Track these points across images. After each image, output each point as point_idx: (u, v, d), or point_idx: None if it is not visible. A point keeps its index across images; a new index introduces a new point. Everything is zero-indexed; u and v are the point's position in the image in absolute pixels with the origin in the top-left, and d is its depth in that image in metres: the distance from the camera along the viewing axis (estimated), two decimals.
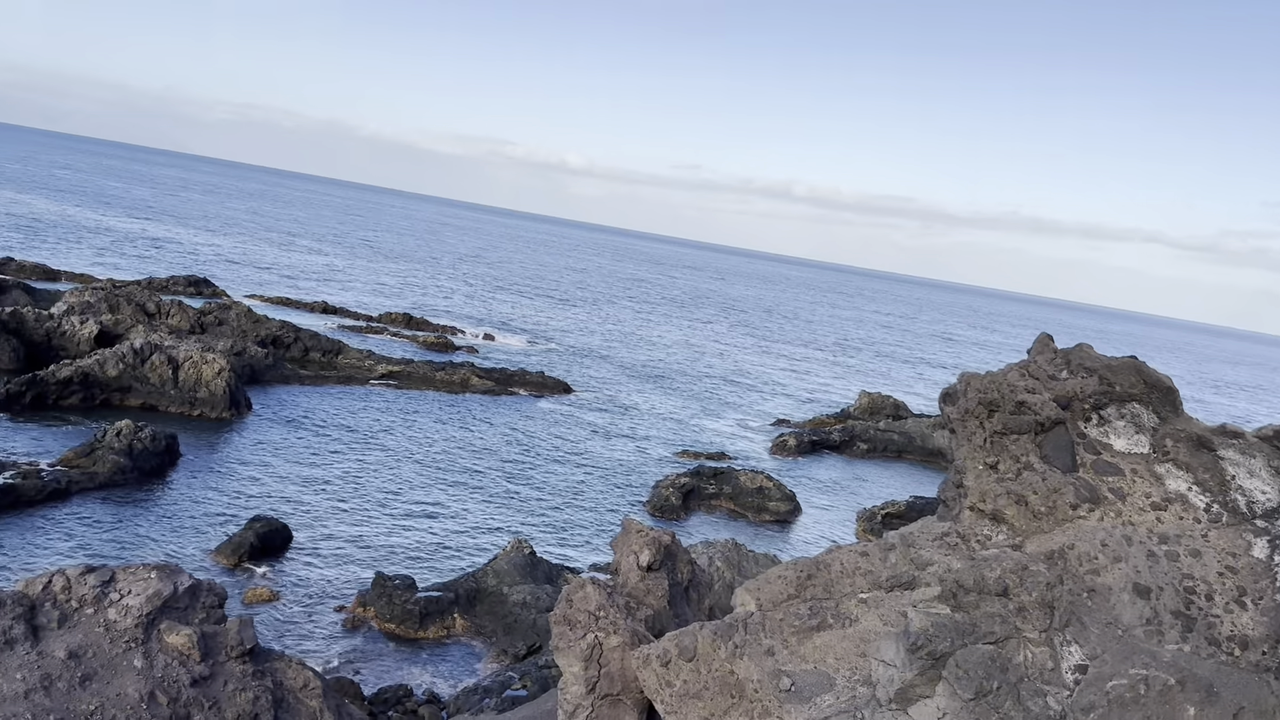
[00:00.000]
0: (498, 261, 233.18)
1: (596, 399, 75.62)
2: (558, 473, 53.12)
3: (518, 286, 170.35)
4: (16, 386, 48.37)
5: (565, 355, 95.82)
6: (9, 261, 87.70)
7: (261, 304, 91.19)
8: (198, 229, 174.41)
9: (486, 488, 48.15)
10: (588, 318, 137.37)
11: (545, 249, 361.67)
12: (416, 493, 45.36)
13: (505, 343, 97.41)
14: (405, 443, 53.44)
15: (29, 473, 37.55)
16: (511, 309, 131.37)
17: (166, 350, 54.42)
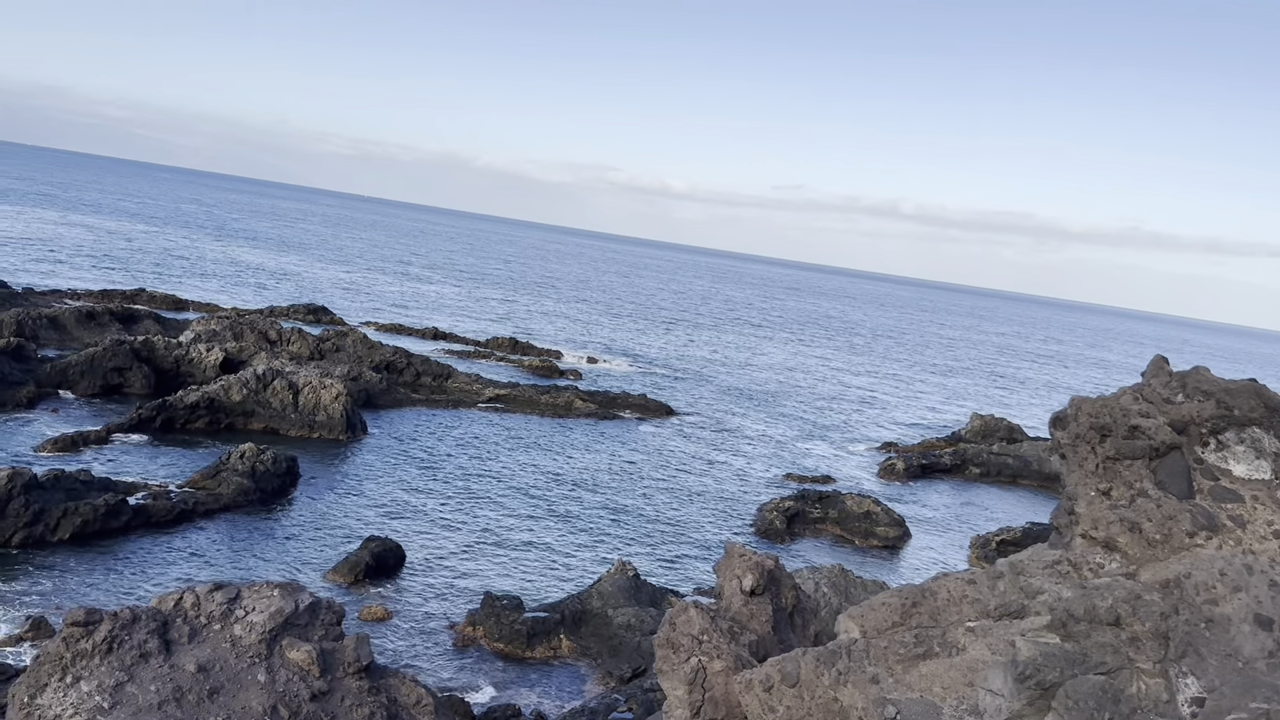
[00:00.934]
0: (601, 286, 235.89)
1: (700, 421, 75.61)
2: (660, 495, 53.29)
3: (621, 310, 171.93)
4: (148, 411, 51.22)
5: (668, 378, 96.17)
6: (140, 293, 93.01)
7: (376, 330, 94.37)
8: (317, 259, 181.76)
9: (590, 510, 48.64)
10: (690, 340, 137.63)
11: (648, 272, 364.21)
12: (523, 514, 46.14)
13: (608, 366, 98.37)
14: (512, 465, 54.44)
15: (159, 494, 39.68)
16: (615, 332, 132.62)
17: (287, 376, 56.82)
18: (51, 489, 35.31)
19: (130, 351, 58.70)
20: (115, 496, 36.59)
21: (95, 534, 34.98)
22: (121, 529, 35.96)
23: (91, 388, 56.07)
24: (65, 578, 31.84)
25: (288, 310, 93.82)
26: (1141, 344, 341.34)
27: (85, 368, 56.73)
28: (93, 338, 65.73)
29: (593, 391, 75.91)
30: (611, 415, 70.79)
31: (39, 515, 34.00)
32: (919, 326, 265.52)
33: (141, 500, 38.34)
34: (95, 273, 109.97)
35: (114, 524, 35.75)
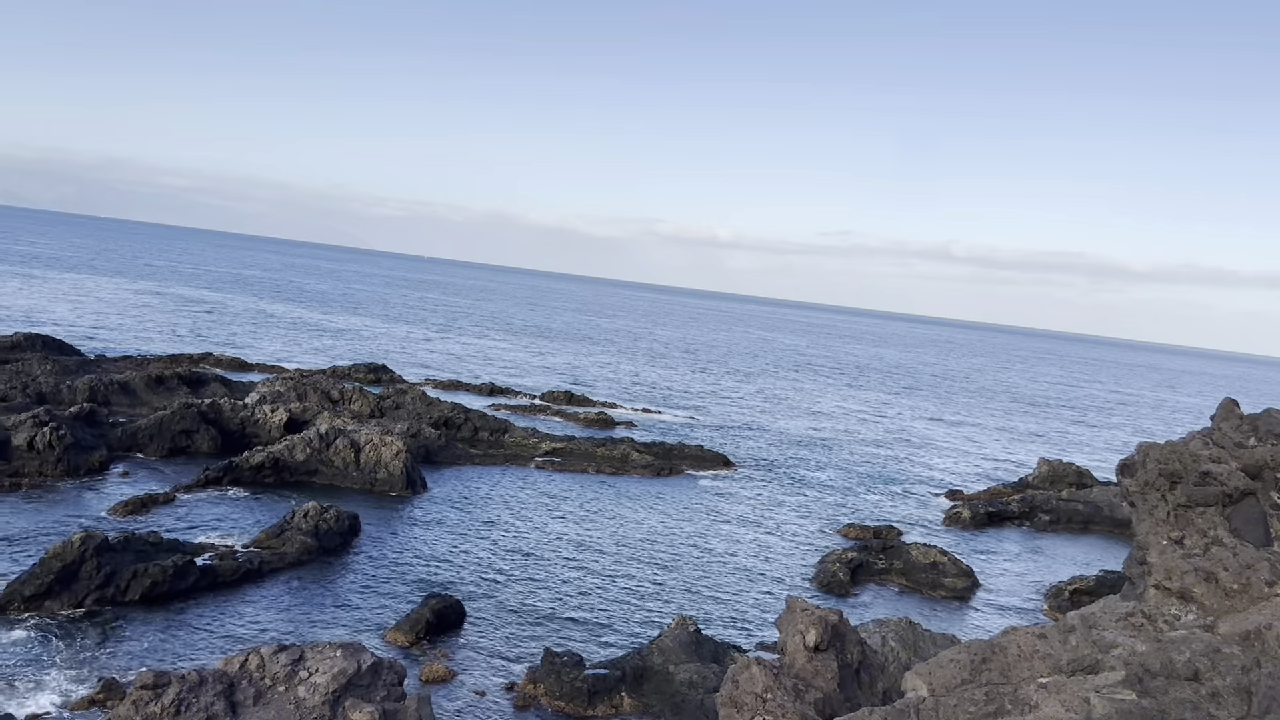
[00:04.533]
0: (654, 337, 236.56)
1: (757, 471, 74.97)
2: (719, 547, 52.76)
3: (674, 360, 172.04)
4: (215, 472, 52.37)
5: (724, 428, 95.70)
6: (207, 356, 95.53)
7: (434, 388, 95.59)
8: (376, 319, 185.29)
9: (649, 563, 48.31)
10: (745, 389, 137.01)
11: (699, 322, 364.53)
12: (582, 569, 45.99)
13: (664, 417, 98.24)
14: (570, 519, 54.43)
15: (225, 554, 40.35)
16: (669, 383, 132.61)
17: (349, 434, 57.73)
18: (122, 551, 36.11)
19: (198, 414, 60.17)
20: (183, 557, 37.28)
21: (164, 595, 35.63)
22: (190, 589, 36.59)
23: (161, 450, 57.51)
24: (135, 639, 32.41)
25: (349, 370, 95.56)
26: (1208, 384, 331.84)
27: (154, 431, 58.26)
28: (162, 401, 67.58)
29: (649, 443, 75.80)
30: (668, 467, 70.53)
31: (110, 577, 34.76)
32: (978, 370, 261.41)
33: (209, 561, 39.01)
34: (163, 337, 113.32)
35: (182, 584, 36.39)
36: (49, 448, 50.57)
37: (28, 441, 50.44)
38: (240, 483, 52.55)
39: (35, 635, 31.54)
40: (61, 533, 40.50)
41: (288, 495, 51.82)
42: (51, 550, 34.67)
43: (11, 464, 49.11)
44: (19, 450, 50.09)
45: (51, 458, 50.24)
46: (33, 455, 50.09)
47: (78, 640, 31.62)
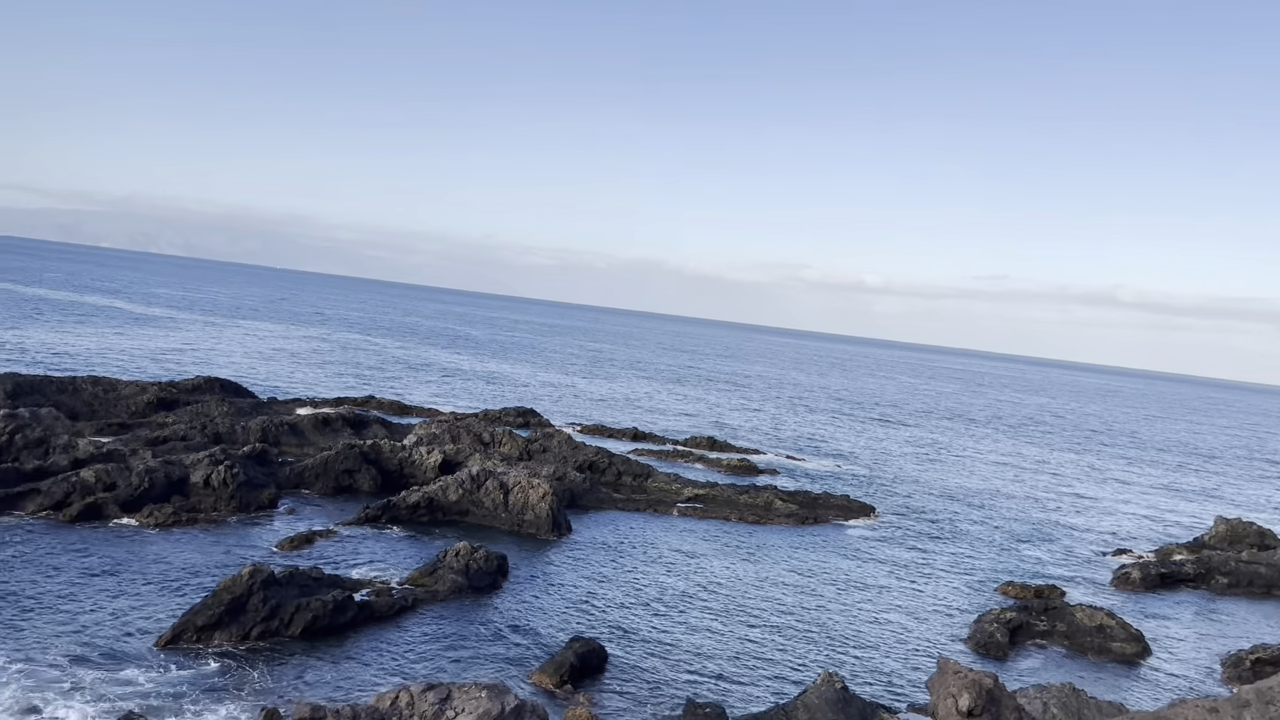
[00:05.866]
0: (798, 383, 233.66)
1: (907, 523, 72.52)
2: (867, 602, 51.11)
3: (819, 406, 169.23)
4: (374, 510, 54.56)
5: (871, 477, 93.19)
6: (369, 399, 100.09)
7: (580, 432, 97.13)
8: (526, 364, 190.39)
9: (793, 615, 47.22)
10: (893, 437, 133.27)
11: (845, 368, 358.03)
12: (725, 619, 45.37)
13: (808, 465, 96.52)
14: (712, 567, 53.90)
15: (382, 590, 41.83)
16: (814, 430, 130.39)
17: (498, 476, 59.18)
18: (287, 585, 37.92)
19: (360, 455, 62.97)
20: (343, 593, 38.83)
21: (324, 628, 37.14)
22: (348, 623, 38.04)
23: (325, 488, 60.40)
24: (296, 671, 33.85)
25: (499, 413, 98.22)
26: None
27: (320, 470, 61.27)
28: (327, 442, 71.11)
29: (793, 491, 74.53)
30: (813, 516, 69.08)
31: (275, 610, 36.51)
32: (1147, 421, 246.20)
33: (366, 596, 40.53)
34: (330, 381, 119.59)
35: (341, 619, 37.86)
36: (223, 485, 53.87)
37: (204, 479, 53.90)
38: (397, 521, 54.53)
39: (205, 665, 33.36)
40: (232, 566, 42.93)
41: (440, 534, 53.40)
42: (222, 583, 36.73)
43: (189, 499, 52.53)
44: (196, 487, 53.57)
45: (225, 494, 53.49)
46: (208, 492, 53.46)
47: (243, 671, 33.27)
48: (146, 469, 52.64)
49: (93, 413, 73.36)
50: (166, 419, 72.19)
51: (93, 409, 74.02)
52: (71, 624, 35.16)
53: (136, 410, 75.65)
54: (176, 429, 67.18)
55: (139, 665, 32.33)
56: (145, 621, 36.21)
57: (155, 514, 49.68)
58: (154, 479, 52.13)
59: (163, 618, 36.59)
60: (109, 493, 50.25)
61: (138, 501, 50.45)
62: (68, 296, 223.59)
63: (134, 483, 51.32)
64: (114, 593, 38.83)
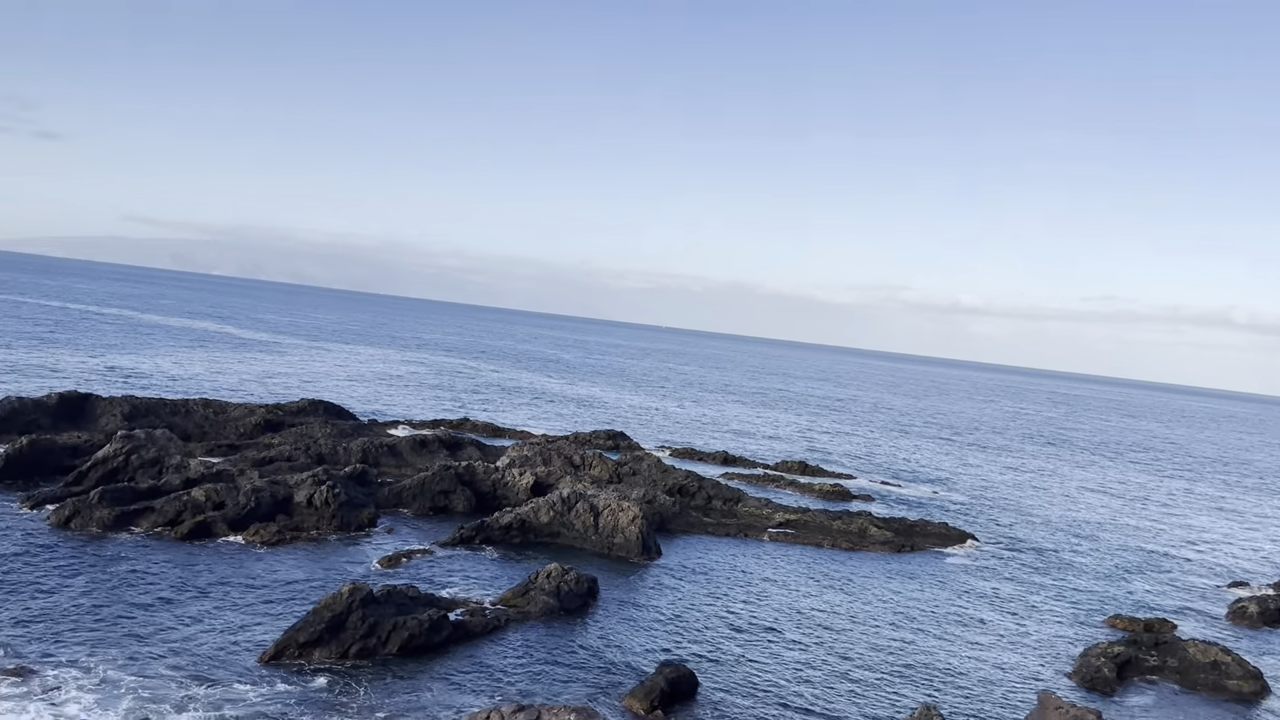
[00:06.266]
0: (893, 406, 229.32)
1: (1007, 552, 70.31)
2: (965, 633, 49.67)
3: (915, 431, 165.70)
4: (468, 531, 55.49)
5: (970, 504, 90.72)
6: (465, 421, 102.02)
7: (670, 455, 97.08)
8: (616, 387, 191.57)
9: (889, 645, 46.17)
10: (993, 463, 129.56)
11: (942, 392, 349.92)
12: (816, 647, 44.62)
13: (904, 491, 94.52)
14: (803, 594, 53.15)
15: (475, 610, 42.47)
16: (909, 455, 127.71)
17: (589, 499, 59.59)
18: (384, 603, 38.82)
19: (455, 476, 64.21)
20: (438, 612, 39.55)
21: (420, 647, 37.86)
22: (442, 642, 38.71)
23: (422, 509, 61.72)
24: (392, 690, 34.56)
25: (590, 436, 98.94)
26: None
27: (417, 490, 62.67)
28: (424, 463, 72.72)
29: (888, 518, 73.04)
30: (909, 544, 67.55)
31: (373, 628, 37.39)
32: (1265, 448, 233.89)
33: (460, 616, 41.20)
34: (427, 403, 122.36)
35: (436, 638, 38.55)
36: (325, 504, 55.54)
37: (308, 498, 55.67)
38: (490, 541, 55.35)
39: (307, 682, 34.35)
40: (332, 584, 44.16)
41: (532, 555, 53.97)
42: (323, 601, 37.81)
43: (293, 518, 54.29)
44: (299, 506, 55.35)
45: (327, 514, 55.13)
46: (311, 511, 55.18)
47: (343, 689, 34.13)
48: (253, 489, 54.64)
49: (204, 434, 76.55)
50: (273, 440, 74.84)
51: (204, 430, 77.24)
52: (182, 638, 36.64)
53: (244, 432, 78.65)
54: (282, 450, 69.60)
55: (245, 680, 33.47)
56: (250, 637, 37.50)
57: (261, 532, 51.50)
58: (260, 498, 54.07)
59: (267, 634, 37.84)
60: (218, 511, 52.31)
61: (245, 520, 52.39)
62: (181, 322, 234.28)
63: (241, 502, 53.32)
64: (221, 608, 40.35)
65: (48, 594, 39.35)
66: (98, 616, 37.65)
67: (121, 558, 45.26)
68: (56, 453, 60.18)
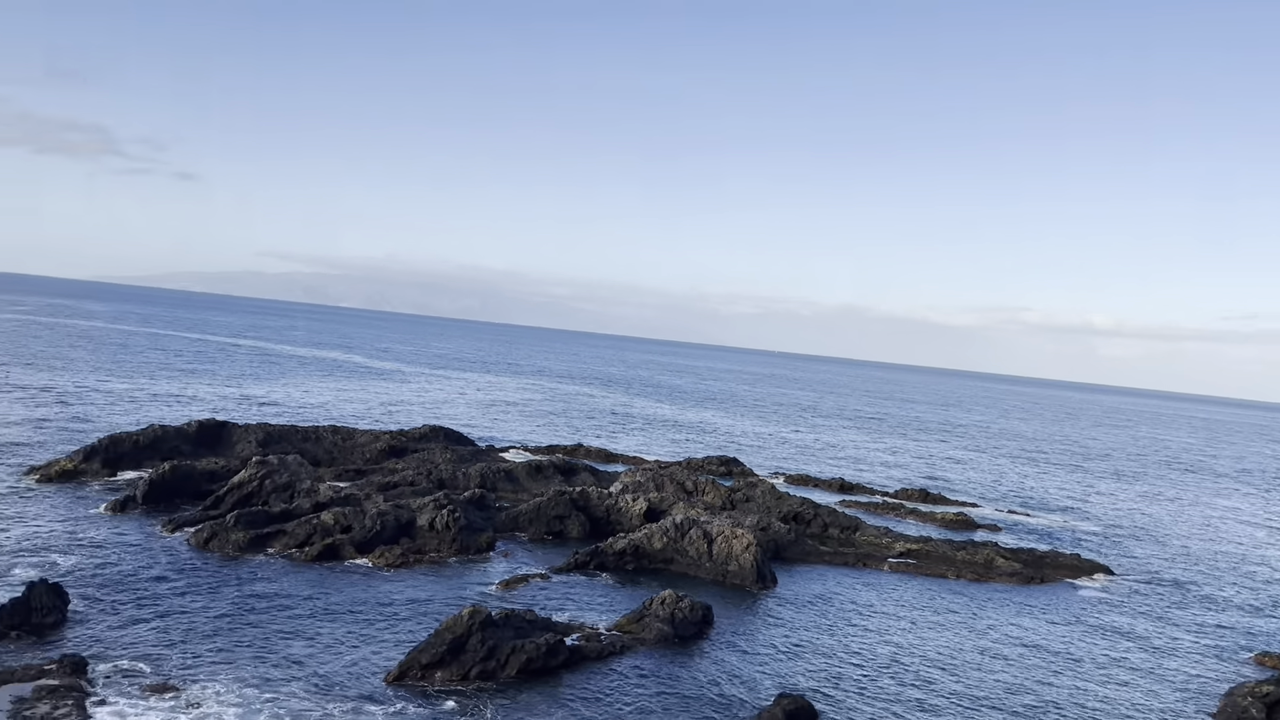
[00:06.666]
0: (1018, 432, 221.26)
1: (1144, 586, 66.77)
2: (1099, 670, 47.28)
3: (1043, 458, 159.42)
4: (583, 556, 55.95)
5: (1104, 535, 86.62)
6: (578, 447, 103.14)
7: (784, 482, 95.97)
8: (728, 413, 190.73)
9: (1016, 682, 44.32)
10: (1128, 492, 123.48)
11: (1070, 417, 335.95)
12: (939, 682, 43.19)
13: (1032, 520, 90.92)
14: (925, 627, 51.58)
15: (591, 636, 42.71)
16: (1037, 483, 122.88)
17: (702, 525, 59.35)
18: (503, 626, 39.44)
19: (569, 501, 64.95)
20: (555, 636, 39.94)
21: (537, 671, 38.28)
22: (559, 667, 39.04)
23: (537, 533, 62.60)
24: (511, 713, 34.99)
25: (702, 462, 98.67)
26: None
27: (533, 515, 63.63)
28: (539, 488, 73.81)
29: (1016, 549, 70.34)
30: (1039, 576, 64.86)
31: (492, 651, 38.01)
32: None
33: (576, 640, 41.51)
34: (542, 429, 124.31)
35: (553, 662, 38.92)
36: (446, 528, 56.92)
37: (429, 522, 57.17)
38: (604, 567, 55.66)
39: (431, 704, 35.13)
40: (453, 606, 45.12)
41: (645, 582, 54.01)
42: (444, 624, 38.67)
43: (416, 541, 55.80)
44: (421, 529, 56.87)
45: (448, 537, 56.46)
46: (432, 534, 56.62)
47: (466, 710, 34.75)
48: (379, 512, 56.44)
49: (332, 459, 79.55)
50: (396, 465, 77.21)
51: (332, 456, 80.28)
52: (313, 657, 38.01)
53: (370, 457, 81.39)
54: (405, 475, 71.72)
55: (373, 700, 34.47)
56: (376, 657, 38.62)
57: (385, 555, 53.09)
58: (385, 522, 55.79)
59: (391, 654, 38.90)
60: (345, 534, 54.19)
61: (370, 543, 54.12)
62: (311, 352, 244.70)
63: (367, 525, 55.12)
64: (349, 628, 41.70)
65: (189, 614, 41.43)
66: (236, 635, 39.42)
67: (256, 579, 47.33)
68: (196, 478, 63.47)
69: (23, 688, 31.56)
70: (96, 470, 65.91)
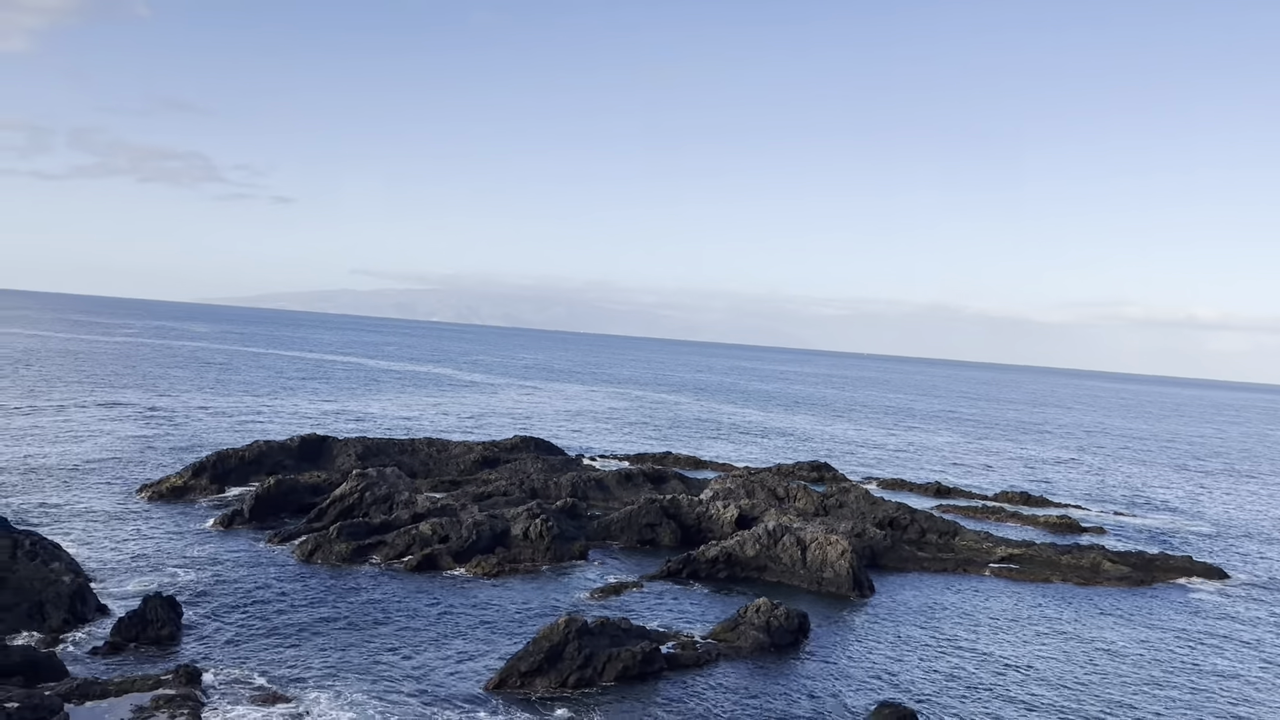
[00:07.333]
0: (1121, 431, 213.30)
1: (1264, 590, 63.54)
2: (1217, 679, 45.11)
3: (1150, 458, 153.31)
4: (675, 564, 55.83)
5: (1218, 536, 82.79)
6: (667, 455, 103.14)
7: (878, 487, 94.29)
8: (817, 417, 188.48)
9: (1130, 692, 42.59)
10: (1241, 491, 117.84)
11: (1178, 414, 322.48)
12: (1048, 691, 41.77)
13: (1140, 522, 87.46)
14: (1031, 634, 49.98)
15: (686, 644, 42.56)
16: (1144, 483, 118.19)
17: (795, 532, 58.67)
18: (599, 635, 39.58)
19: (660, 509, 64.96)
20: (650, 644, 39.92)
21: (633, 678, 38.30)
22: (654, 675, 39.00)
23: (629, 541, 62.76)
24: (606, 718, 35.04)
25: (793, 468, 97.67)
26: None
27: (624, 524, 63.82)
28: (630, 496, 74.02)
29: (1123, 551, 67.75)
30: (1149, 579, 62.34)
31: (589, 659, 38.18)
32: None
33: (671, 649, 41.42)
34: (630, 438, 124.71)
35: (648, 669, 38.91)
36: (539, 537, 57.49)
37: (523, 531, 57.83)
38: (697, 575, 55.45)
39: (531, 711, 35.43)
40: (549, 615, 45.49)
41: (739, 590, 53.61)
42: (541, 632, 39.00)
43: (510, 550, 56.49)
44: (516, 539, 57.55)
45: (542, 546, 57.02)
46: (526, 543, 57.24)
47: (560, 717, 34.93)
48: (474, 522, 57.33)
49: (428, 471, 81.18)
50: (490, 476, 78.37)
51: (428, 468, 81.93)
52: (416, 665, 38.74)
53: (464, 468, 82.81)
54: (498, 485, 72.74)
55: (477, 707, 34.95)
56: (475, 664, 39.17)
57: (482, 564, 53.88)
58: (480, 532, 56.64)
59: (490, 662, 39.40)
60: (443, 544, 55.17)
61: (467, 553, 55.00)
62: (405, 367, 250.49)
63: (464, 535, 56.03)
64: (449, 637, 42.39)
65: (297, 624, 42.66)
66: (341, 645, 40.44)
67: (360, 589, 48.50)
68: (299, 491, 65.44)
69: (141, 697, 32.89)
70: (205, 486, 68.50)
